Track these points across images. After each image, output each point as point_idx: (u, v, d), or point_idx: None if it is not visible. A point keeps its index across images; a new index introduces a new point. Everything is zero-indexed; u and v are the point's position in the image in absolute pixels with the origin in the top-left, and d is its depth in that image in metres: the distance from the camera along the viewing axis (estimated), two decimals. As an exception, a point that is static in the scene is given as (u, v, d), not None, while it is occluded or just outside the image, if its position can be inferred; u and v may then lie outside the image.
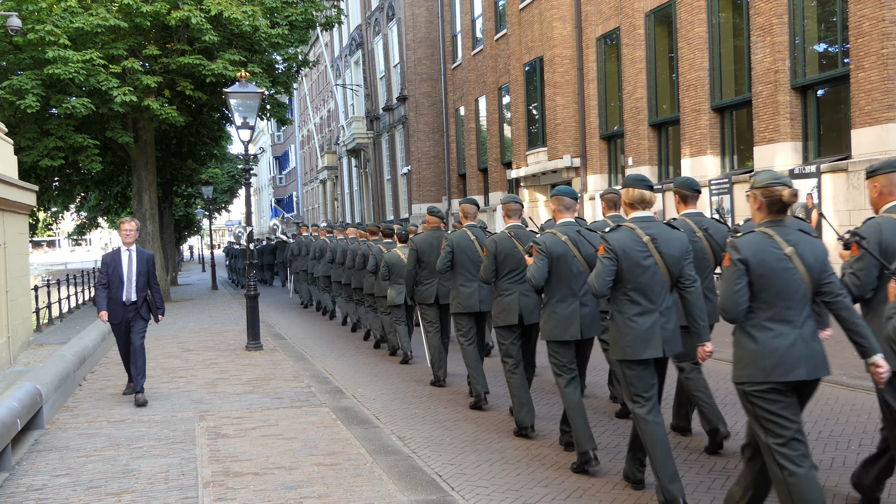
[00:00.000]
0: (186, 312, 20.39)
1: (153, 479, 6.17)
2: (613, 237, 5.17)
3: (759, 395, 4.17)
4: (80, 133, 20.06)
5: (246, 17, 19.22)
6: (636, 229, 5.18)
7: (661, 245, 5.14)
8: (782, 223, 4.22)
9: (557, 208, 6.36)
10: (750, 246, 4.17)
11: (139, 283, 9.09)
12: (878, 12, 12.24)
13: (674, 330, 5.21)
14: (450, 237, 8.57)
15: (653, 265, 5.12)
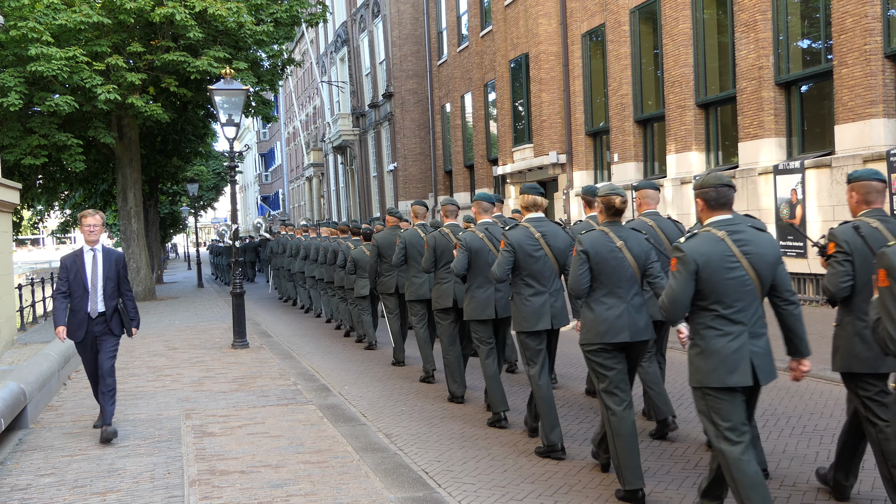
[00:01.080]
0: (172, 310, 20.31)
1: (139, 478, 6.15)
2: (511, 234, 6.50)
3: (593, 352, 5.43)
4: (64, 131, 19.94)
5: (231, 13, 19.14)
6: (530, 227, 6.49)
7: (549, 240, 6.48)
8: (617, 223, 5.50)
9: (477, 211, 7.66)
10: (589, 240, 5.41)
11: (107, 291, 7.43)
12: (860, 8, 12.30)
13: (561, 308, 6.57)
14: (402, 235, 9.68)
15: (543, 256, 6.46)
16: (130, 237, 23.17)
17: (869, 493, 5.17)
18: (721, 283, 4.29)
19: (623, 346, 5.41)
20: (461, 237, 7.37)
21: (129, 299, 7.63)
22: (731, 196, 4.46)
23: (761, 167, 14.36)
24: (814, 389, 8.04)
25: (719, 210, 4.44)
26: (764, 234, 4.46)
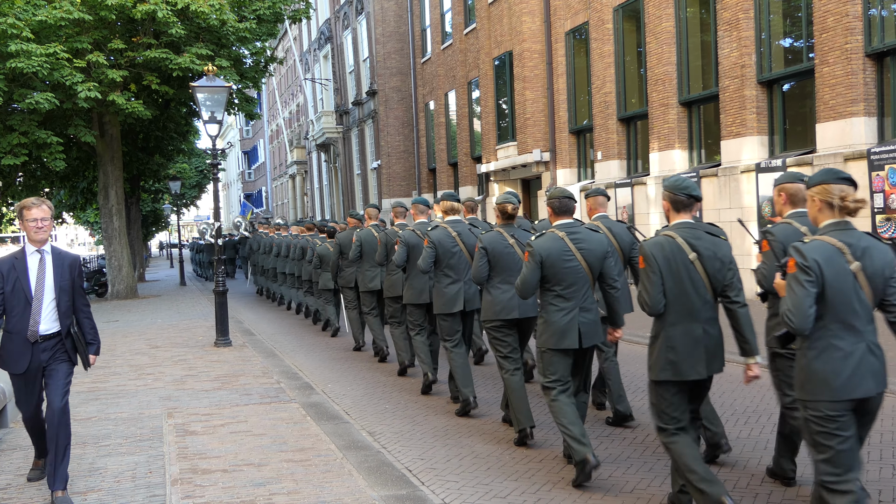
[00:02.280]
0: (154, 308, 20.20)
1: (120, 477, 6.10)
2: (433, 234, 7.84)
3: (492, 328, 6.77)
4: (45, 128, 19.78)
5: (213, 10, 19.05)
6: (448, 228, 7.89)
7: (464, 238, 7.82)
8: (510, 224, 6.77)
9: (415, 213, 9.03)
10: (488, 239, 6.69)
11: (60, 305, 5.69)
12: (841, 7, 12.38)
13: (474, 293, 7.83)
14: (358, 234, 11.07)
15: (459, 252, 7.83)
16: (112, 235, 23.02)
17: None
18: (560, 271, 5.67)
19: (515, 321, 6.81)
20: (429, 236, 8.00)
21: (87, 316, 5.91)
22: (572, 206, 5.87)
23: (744, 165, 14.43)
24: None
25: (562, 216, 5.87)
26: (596, 233, 5.81)
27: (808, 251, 3.84)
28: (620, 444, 6.49)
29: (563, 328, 5.64)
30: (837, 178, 4.03)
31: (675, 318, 4.69)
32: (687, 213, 4.80)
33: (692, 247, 4.66)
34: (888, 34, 12.10)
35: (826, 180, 4.04)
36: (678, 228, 4.75)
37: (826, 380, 3.85)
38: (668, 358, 4.67)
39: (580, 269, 5.66)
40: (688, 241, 4.67)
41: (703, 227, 4.78)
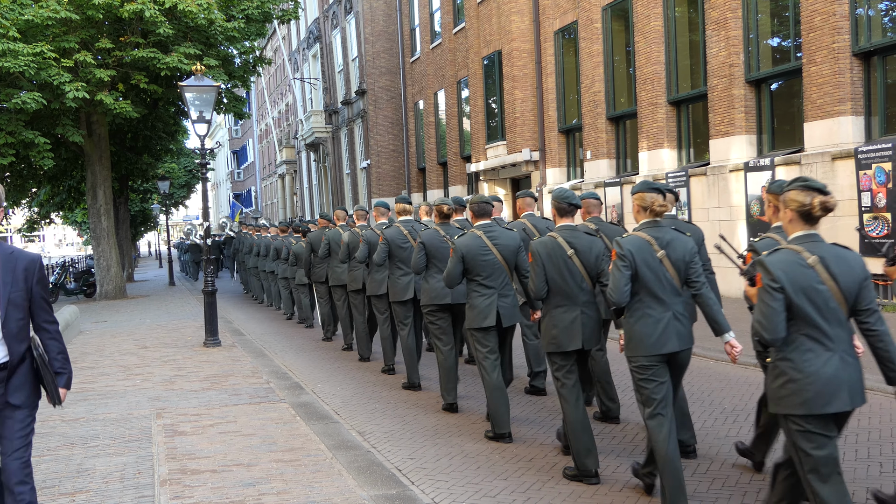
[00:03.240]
0: (143, 309, 20.13)
1: (108, 478, 6.08)
2: (387, 232, 9.00)
3: (428, 313, 7.88)
4: (32, 128, 19.67)
5: (201, 10, 18.98)
6: (401, 227, 9.01)
7: (414, 236, 8.71)
8: (491, 225, 6.99)
9: (377, 215, 10.12)
10: (463, 241, 6.90)
11: (9, 324, 4.20)
12: (829, 7, 12.43)
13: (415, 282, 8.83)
14: (327, 234, 12.12)
15: (409, 247, 8.76)
16: (100, 235, 22.93)
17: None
18: (479, 264, 6.84)
19: (448, 306, 7.83)
20: (384, 234, 9.10)
21: (53, 337, 4.43)
22: (489, 209, 7.08)
23: (732, 164, 14.48)
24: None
25: (482, 218, 7.01)
26: (510, 232, 6.98)
27: (624, 243, 4.97)
28: (610, 441, 6.50)
29: (485, 310, 6.86)
30: (650, 188, 5.12)
31: (558, 302, 5.78)
32: (569, 218, 5.91)
33: (570, 244, 5.72)
34: (875, 33, 12.16)
35: (641, 190, 5.11)
36: (560, 230, 5.84)
37: (642, 339, 4.95)
38: (552, 334, 5.77)
39: (497, 262, 6.88)
40: (567, 240, 5.74)
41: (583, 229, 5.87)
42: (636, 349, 4.97)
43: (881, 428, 6.46)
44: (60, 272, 27.14)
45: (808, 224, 3.92)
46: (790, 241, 3.95)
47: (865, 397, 3.93)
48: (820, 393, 3.77)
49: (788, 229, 4.01)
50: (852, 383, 3.82)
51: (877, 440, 6.16)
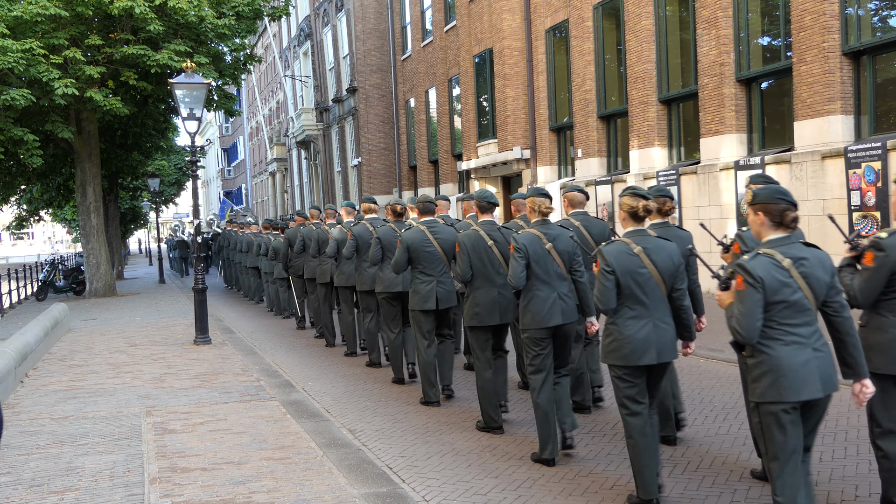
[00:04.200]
0: (133, 306, 20.06)
1: (98, 476, 6.06)
2: (355, 229, 9.96)
3: (383, 300, 9.06)
4: (21, 125, 19.56)
5: (191, 6, 18.90)
6: (368, 225, 9.78)
7: (379, 233, 9.19)
8: (434, 221, 8.15)
9: (345, 214, 11.17)
10: (408, 235, 7.99)
11: None
12: (819, 6, 12.47)
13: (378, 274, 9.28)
14: (302, 230, 13.07)
15: (376, 242, 9.10)
16: (90, 233, 22.83)
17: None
18: (421, 255, 7.98)
19: (398, 294, 9.00)
20: (352, 231, 10.05)
21: None
22: (432, 208, 8.27)
23: (722, 163, 14.51)
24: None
25: (426, 215, 8.19)
26: (449, 227, 8.10)
27: (519, 238, 6.07)
28: (600, 439, 6.51)
29: (426, 295, 8.03)
30: (539, 194, 6.24)
31: (479, 284, 6.96)
32: (489, 214, 7.05)
33: (490, 237, 6.92)
34: (864, 33, 12.19)
35: (533, 195, 6.22)
36: (482, 225, 7.00)
37: (534, 316, 6.03)
38: (475, 311, 6.94)
39: (437, 254, 8.02)
40: (488, 234, 6.95)
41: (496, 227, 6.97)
42: (529, 323, 6.10)
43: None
44: (50, 270, 27.01)
45: (637, 222, 5.10)
46: (624, 235, 5.13)
47: (674, 355, 5.11)
48: (635, 350, 4.95)
49: (623, 225, 5.16)
50: (661, 343, 4.99)
51: (866, 438, 6.18)
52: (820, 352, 4.01)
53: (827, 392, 4.00)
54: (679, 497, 5.19)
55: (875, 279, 4.35)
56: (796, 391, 3.93)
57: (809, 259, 4.02)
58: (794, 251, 4.03)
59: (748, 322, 3.97)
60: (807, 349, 3.97)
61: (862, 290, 4.41)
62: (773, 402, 3.97)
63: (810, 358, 3.96)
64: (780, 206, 4.04)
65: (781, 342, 3.98)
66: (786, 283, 3.96)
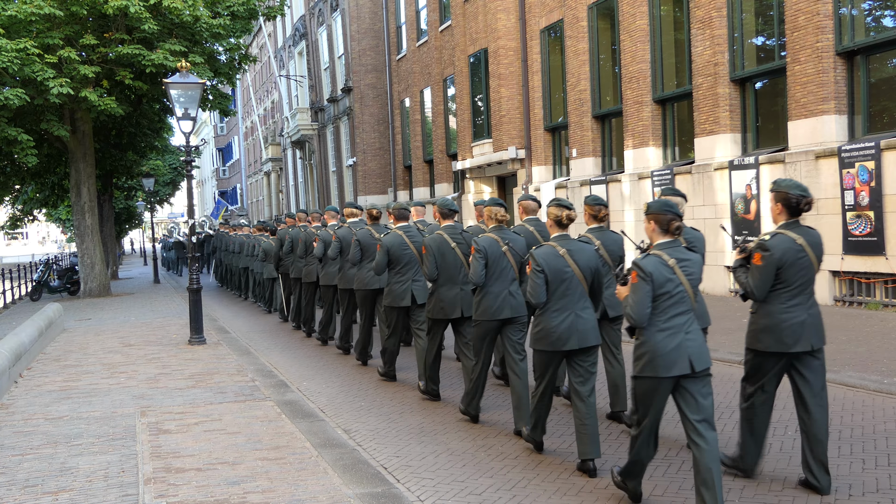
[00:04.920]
0: (128, 306, 20.03)
1: (92, 476, 6.05)
2: (339, 232, 10.81)
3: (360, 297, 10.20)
4: (15, 125, 19.51)
5: (186, 6, 18.88)
6: (350, 228, 10.60)
7: (358, 236, 10.03)
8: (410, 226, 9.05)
9: (328, 218, 13.11)
10: (388, 239, 8.82)
11: None
12: (813, 6, 12.50)
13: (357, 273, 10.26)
14: (290, 232, 14.10)
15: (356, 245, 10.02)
16: (84, 232, 22.79)
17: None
18: (399, 256, 8.78)
19: (376, 290, 9.96)
20: (337, 233, 10.92)
21: None
22: (406, 214, 9.16)
23: (717, 163, 14.54)
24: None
25: (401, 220, 9.06)
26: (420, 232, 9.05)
27: (480, 241, 6.85)
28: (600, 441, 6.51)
29: (401, 293, 8.84)
30: (495, 203, 7.07)
31: (443, 282, 7.77)
32: (450, 220, 7.90)
33: (454, 240, 7.73)
34: (858, 33, 12.23)
35: (490, 205, 7.06)
36: (446, 229, 7.81)
37: (486, 309, 6.89)
38: (440, 306, 7.82)
39: (412, 255, 8.78)
40: (451, 237, 7.74)
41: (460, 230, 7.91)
42: (481, 315, 6.93)
43: (864, 425, 6.50)
44: (44, 270, 26.95)
45: (561, 228, 5.95)
46: (551, 239, 5.93)
47: (596, 340, 5.86)
48: (559, 338, 5.77)
49: (550, 231, 6.02)
50: (581, 331, 5.78)
51: (859, 437, 6.20)
52: (691, 336, 4.75)
53: (698, 368, 4.70)
54: (674, 496, 5.20)
55: (765, 275, 5.09)
56: (667, 369, 4.69)
57: (690, 261, 4.82)
58: (678, 253, 4.79)
59: (639, 309, 4.71)
60: (680, 335, 4.72)
61: (757, 287, 5.13)
62: (649, 376, 4.74)
63: (682, 342, 4.70)
64: (668, 217, 4.82)
65: (659, 328, 4.73)
66: (670, 278, 4.72)
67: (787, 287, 5.11)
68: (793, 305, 5.11)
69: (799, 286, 5.12)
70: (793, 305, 5.11)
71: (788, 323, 5.08)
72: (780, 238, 5.10)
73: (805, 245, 5.08)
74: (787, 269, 5.06)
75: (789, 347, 5.09)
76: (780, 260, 5.04)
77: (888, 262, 11.35)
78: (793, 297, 5.12)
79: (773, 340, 5.12)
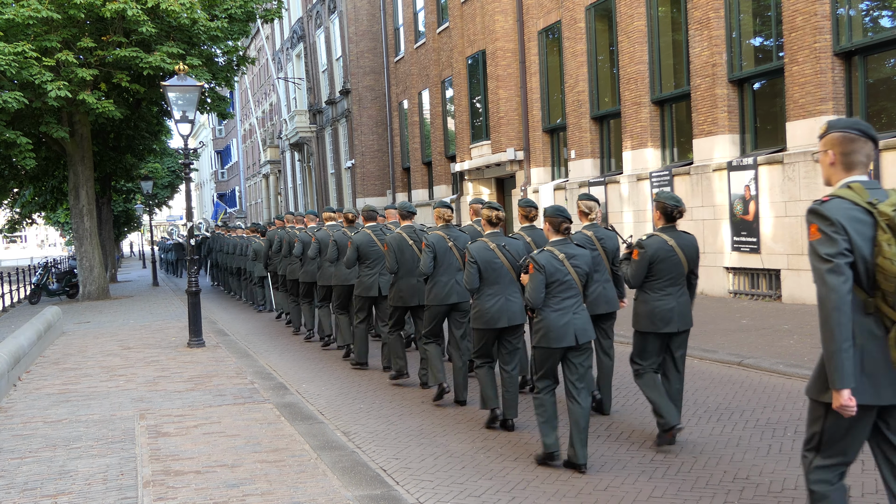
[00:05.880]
0: (126, 309, 20.02)
1: (91, 479, 6.04)
2: (317, 234, 11.80)
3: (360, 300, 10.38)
4: (13, 128, 19.49)
5: (184, 9, 18.86)
6: (328, 231, 11.55)
7: (336, 237, 11.06)
8: (378, 226, 10.26)
9: (307, 221, 14.11)
10: (357, 238, 9.99)
11: None
12: (810, 7, 12.50)
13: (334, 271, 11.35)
14: (278, 233, 14.96)
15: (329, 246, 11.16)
16: (83, 235, 22.78)
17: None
18: (367, 252, 10.00)
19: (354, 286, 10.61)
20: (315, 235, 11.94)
21: None
22: (375, 216, 10.49)
23: (715, 163, 14.54)
24: (766, 383, 8.16)
25: (370, 221, 10.37)
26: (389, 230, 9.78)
27: (429, 238, 8.09)
28: (594, 441, 6.52)
29: (370, 285, 10.12)
30: (443, 206, 8.37)
31: (402, 274, 8.94)
32: (409, 220, 9.18)
33: (411, 238, 8.92)
34: (856, 33, 12.23)
35: (438, 207, 8.39)
36: (404, 229, 9.03)
37: (436, 296, 8.14)
38: (399, 295, 9.01)
39: (379, 252, 9.84)
40: (409, 236, 8.94)
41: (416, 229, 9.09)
42: (432, 300, 8.18)
43: (863, 425, 6.49)
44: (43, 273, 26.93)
45: (493, 227, 7.06)
46: (485, 236, 7.07)
47: (522, 319, 7.01)
48: (492, 317, 6.93)
49: (485, 229, 7.19)
50: (510, 312, 6.95)
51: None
52: (577, 315, 5.90)
53: (581, 342, 5.86)
54: (673, 497, 5.20)
55: (639, 268, 6.26)
56: (557, 341, 5.84)
57: (578, 255, 5.98)
58: (567, 249, 5.97)
59: (535, 294, 5.87)
60: (568, 314, 5.86)
61: (633, 276, 6.32)
62: (543, 346, 5.89)
63: (570, 320, 5.85)
64: (559, 220, 6.01)
65: (552, 309, 5.87)
66: (560, 269, 5.88)
67: (659, 279, 6.24)
68: (664, 295, 6.23)
69: (669, 279, 6.24)
70: (664, 295, 6.23)
71: (661, 309, 6.20)
72: (655, 239, 6.26)
73: (675, 246, 6.23)
74: (659, 264, 6.21)
75: (660, 328, 6.21)
76: (653, 256, 6.20)
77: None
78: (664, 288, 6.24)
79: (649, 322, 6.24)
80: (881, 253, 3.30)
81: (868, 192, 3.42)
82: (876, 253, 3.32)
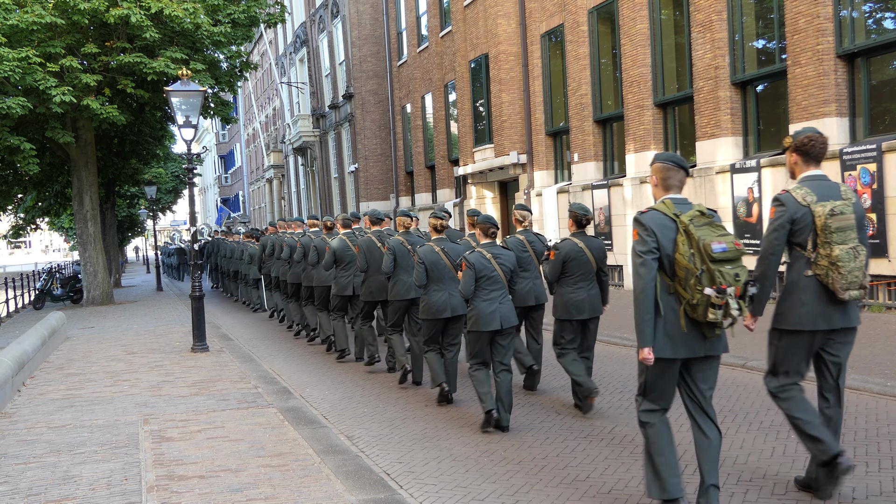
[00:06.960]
0: (130, 314, 20.05)
1: (95, 484, 6.05)
2: (302, 239, 12.98)
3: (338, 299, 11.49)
4: (17, 133, 19.54)
5: (187, 14, 18.92)
6: (310, 236, 12.84)
7: (315, 242, 12.18)
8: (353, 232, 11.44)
9: (294, 226, 15.43)
10: (336, 243, 11.04)
11: None
12: (813, 9, 12.49)
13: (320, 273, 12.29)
14: (271, 238, 15.82)
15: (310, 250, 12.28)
16: (87, 241, 22.83)
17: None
18: (343, 256, 10.99)
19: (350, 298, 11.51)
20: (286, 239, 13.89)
21: None
22: (350, 223, 11.55)
23: (718, 166, 14.53)
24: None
25: (347, 227, 11.39)
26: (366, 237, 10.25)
27: (390, 242, 9.29)
28: (598, 444, 6.51)
29: (345, 285, 11.14)
30: (404, 214, 9.45)
31: (371, 273, 10.04)
32: (380, 226, 10.55)
33: (380, 240, 10.02)
34: (858, 35, 12.22)
35: (400, 216, 9.42)
36: (374, 233, 10.22)
37: (398, 292, 9.42)
38: (369, 290, 10.12)
39: (353, 255, 10.82)
40: (379, 238, 10.11)
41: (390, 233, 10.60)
42: (394, 296, 9.40)
43: (867, 428, 6.49)
44: (47, 278, 26.99)
45: (438, 233, 8.39)
46: (432, 241, 8.34)
47: (463, 310, 8.01)
48: (438, 309, 8.13)
49: (431, 235, 8.48)
50: (453, 305, 8.16)
51: (863, 440, 6.19)
52: (502, 304, 7.18)
53: (505, 326, 7.14)
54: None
55: (556, 266, 7.62)
56: (486, 325, 7.10)
57: (503, 255, 7.29)
58: (494, 250, 7.29)
59: (467, 287, 7.15)
60: (494, 303, 7.14)
61: (550, 273, 7.66)
62: (475, 330, 7.15)
63: (496, 308, 7.12)
64: (488, 226, 7.34)
65: (481, 299, 7.15)
66: (487, 265, 7.18)
67: (572, 276, 7.60)
68: (577, 288, 7.58)
69: (580, 275, 7.59)
70: (577, 288, 7.58)
71: (574, 300, 7.56)
72: (568, 242, 7.63)
73: (585, 247, 7.56)
74: (570, 262, 7.56)
75: (575, 316, 7.56)
76: (566, 256, 7.56)
77: (891, 264, 11.34)
78: (576, 283, 7.57)
79: (565, 311, 7.61)
80: (678, 250, 4.44)
81: (675, 206, 4.59)
82: (675, 250, 4.45)
